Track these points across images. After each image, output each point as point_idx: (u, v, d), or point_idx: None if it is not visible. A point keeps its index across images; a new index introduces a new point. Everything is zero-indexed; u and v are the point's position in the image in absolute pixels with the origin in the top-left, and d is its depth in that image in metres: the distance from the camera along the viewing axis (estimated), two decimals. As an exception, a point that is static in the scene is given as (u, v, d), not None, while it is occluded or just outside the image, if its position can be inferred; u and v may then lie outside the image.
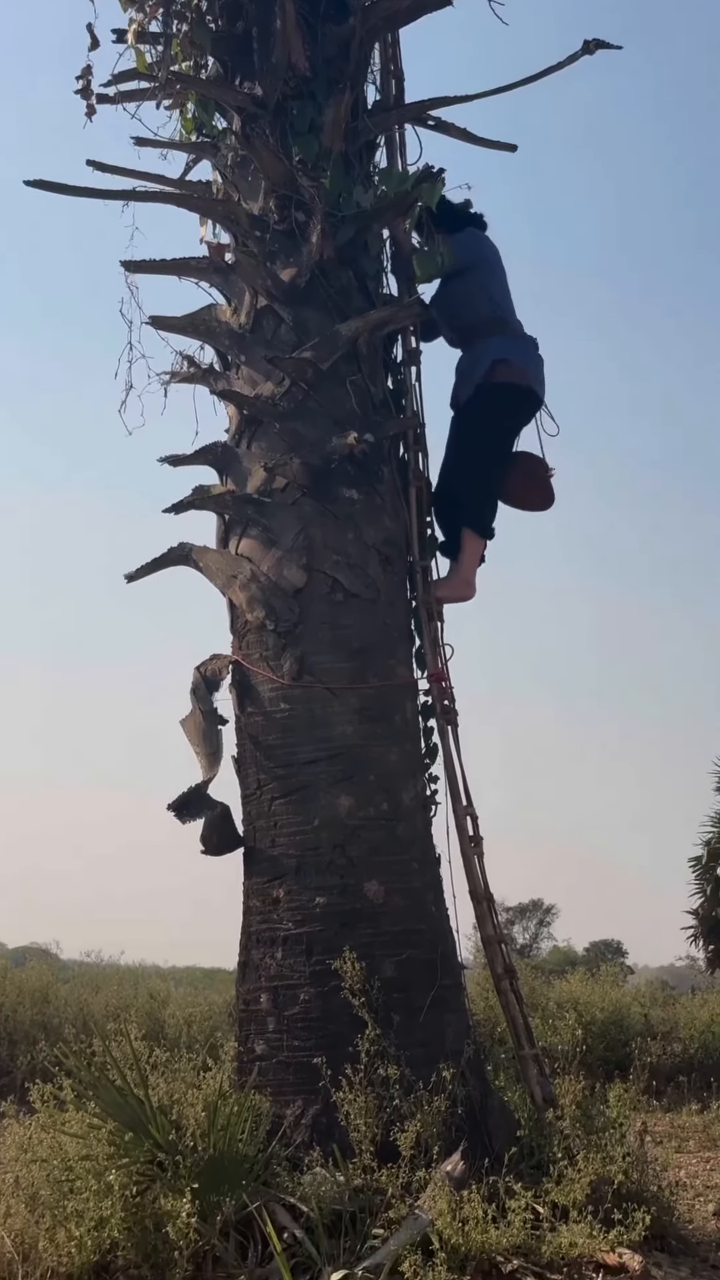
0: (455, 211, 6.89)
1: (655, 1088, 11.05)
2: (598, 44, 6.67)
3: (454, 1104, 5.18)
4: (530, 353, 6.70)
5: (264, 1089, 5.38)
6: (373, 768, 5.77)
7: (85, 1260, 4.62)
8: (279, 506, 6.01)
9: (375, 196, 6.41)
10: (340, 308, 6.20)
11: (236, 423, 6.33)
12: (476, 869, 6.07)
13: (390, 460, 6.31)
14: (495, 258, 6.84)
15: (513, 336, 6.69)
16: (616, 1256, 4.65)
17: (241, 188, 6.47)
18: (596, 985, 13.45)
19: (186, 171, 6.95)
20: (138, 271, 6.54)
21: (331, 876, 5.61)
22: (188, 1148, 4.85)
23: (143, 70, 6.66)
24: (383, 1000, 5.32)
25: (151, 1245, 4.65)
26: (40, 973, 13.20)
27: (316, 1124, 5.25)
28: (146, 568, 6.38)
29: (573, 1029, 10.31)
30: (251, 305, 6.29)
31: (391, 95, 6.77)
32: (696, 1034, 12.40)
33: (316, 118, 6.29)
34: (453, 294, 6.81)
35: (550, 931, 42.79)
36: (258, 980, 5.66)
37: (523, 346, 6.69)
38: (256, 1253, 4.75)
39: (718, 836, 20.70)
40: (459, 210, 6.91)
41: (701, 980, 20.37)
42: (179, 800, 5.91)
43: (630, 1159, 5.22)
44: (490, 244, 6.90)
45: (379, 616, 5.98)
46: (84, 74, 6.61)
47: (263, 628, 5.92)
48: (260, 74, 6.34)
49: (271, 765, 5.83)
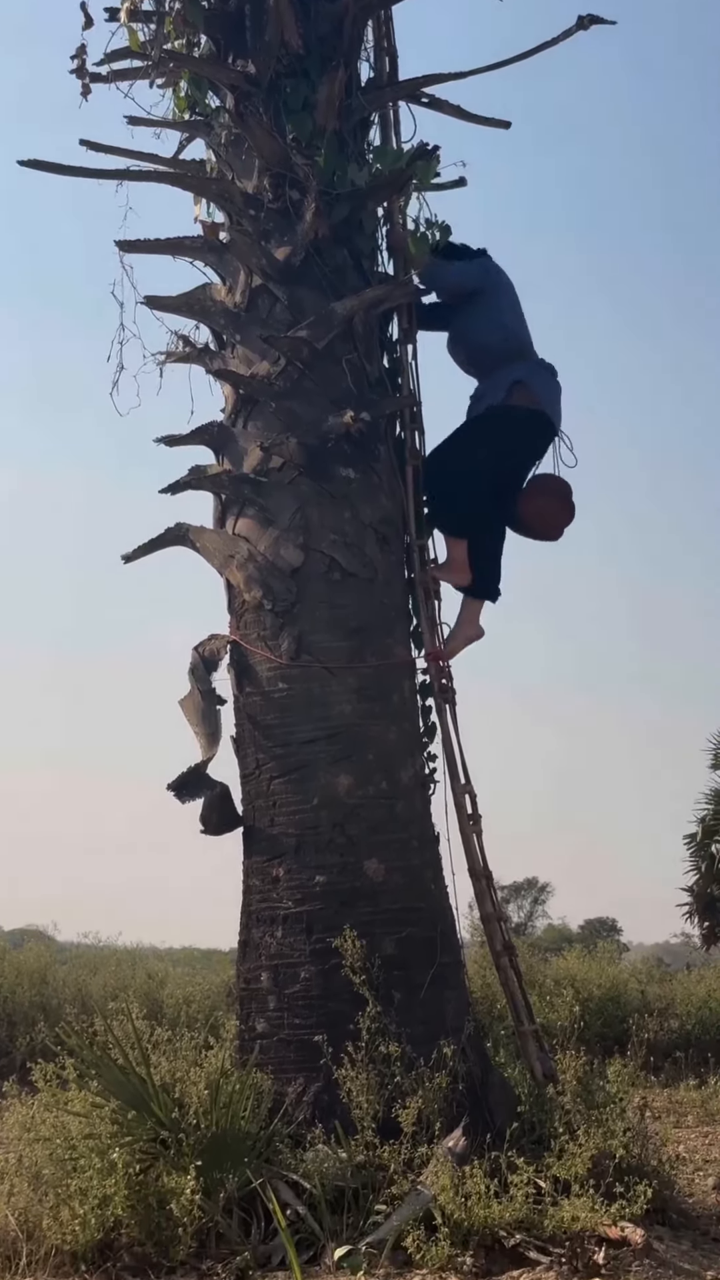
0: (463, 250, 6.79)
1: (653, 1063, 11.12)
2: (592, 19, 6.66)
3: (455, 1080, 5.20)
4: (549, 381, 6.58)
5: (265, 1067, 5.40)
6: (371, 747, 5.78)
7: (89, 1238, 4.65)
8: (276, 486, 6.00)
9: (370, 174, 6.40)
10: (335, 286, 6.18)
11: (232, 402, 6.31)
12: (475, 846, 6.08)
13: (387, 439, 6.30)
14: (508, 285, 6.70)
15: (533, 363, 6.59)
16: (618, 1230, 4.67)
17: (235, 166, 6.45)
18: (593, 962, 13.50)
19: (180, 150, 6.92)
20: (132, 251, 6.51)
21: (331, 855, 5.63)
22: (190, 1126, 4.88)
23: (135, 48, 6.64)
24: (383, 978, 5.34)
25: (155, 1223, 4.68)
26: (38, 954, 13.23)
27: (318, 1101, 5.27)
28: (143, 548, 6.37)
29: (570, 1006, 10.38)
30: (246, 284, 6.27)
31: (385, 73, 6.75)
32: (693, 1010, 12.46)
33: (310, 95, 6.26)
34: (467, 323, 6.70)
35: (545, 909, 42.95)
36: (258, 959, 5.68)
37: (542, 374, 6.58)
38: (260, 1229, 4.78)
39: (712, 814, 20.75)
40: (466, 250, 6.80)
41: (697, 957, 20.42)
42: (178, 780, 5.92)
43: (630, 1134, 5.25)
44: (502, 271, 6.74)
45: (376, 595, 5.98)
46: (78, 53, 6.60)
47: (260, 607, 5.92)
48: (253, 52, 6.32)
49: (270, 745, 5.84)
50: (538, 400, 6.47)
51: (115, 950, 16.68)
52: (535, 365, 6.56)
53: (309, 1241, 4.67)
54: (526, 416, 6.46)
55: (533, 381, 6.48)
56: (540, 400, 6.48)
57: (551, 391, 6.55)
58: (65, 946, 19.58)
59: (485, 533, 6.52)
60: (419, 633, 6.27)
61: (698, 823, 20.96)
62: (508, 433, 6.49)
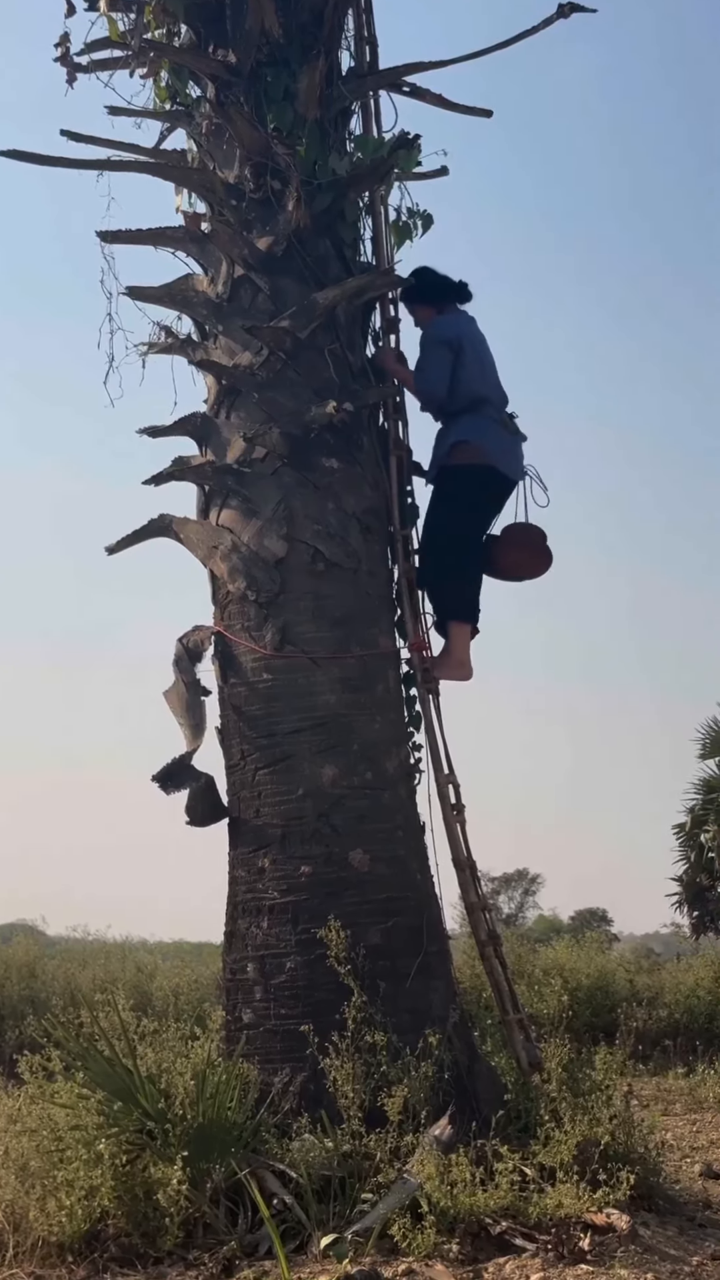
0: (438, 283, 6.69)
1: (641, 1052, 11.16)
2: (573, 7, 6.65)
3: (441, 1069, 5.21)
4: (497, 434, 6.45)
5: (252, 1057, 5.41)
6: (356, 737, 5.78)
7: (76, 1229, 4.65)
8: (259, 477, 6.00)
9: (351, 164, 6.39)
10: (317, 276, 6.18)
11: (215, 393, 6.30)
12: (459, 836, 6.09)
13: (370, 429, 6.30)
14: (472, 338, 6.54)
15: (481, 418, 6.44)
16: (604, 1216, 4.68)
17: (217, 156, 6.43)
18: (582, 952, 13.52)
19: (161, 141, 6.91)
20: (114, 242, 6.49)
21: (316, 845, 5.63)
22: (177, 1116, 4.87)
23: (115, 38, 6.62)
24: (369, 968, 5.35)
25: (142, 1213, 4.68)
26: (27, 948, 13.22)
27: (304, 1091, 5.28)
28: (127, 540, 6.36)
29: (559, 995, 10.40)
30: (228, 275, 6.26)
31: (366, 62, 6.73)
32: (681, 999, 12.49)
33: (291, 85, 6.25)
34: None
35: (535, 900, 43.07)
36: (244, 950, 5.68)
37: (487, 427, 6.43)
38: (246, 1219, 4.78)
39: (701, 803, 20.80)
40: (442, 282, 6.70)
41: (686, 946, 20.47)
42: (163, 771, 5.91)
43: (616, 1121, 5.25)
44: (469, 322, 6.62)
45: (360, 586, 5.98)
46: (62, 42, 6.58)
47: (244, 598, 5.92)
48: (234, 41, 6.30)
49: (255, 736, 5.84)
50: (484, 454, 6.37)
51: (105, 944, 16.68)
52: (480, 420, 6.43)
53: (295, 1230, 4.67)
54: (470, 472, 6.37)
55: (476, 438, 6.38)
56: (487, 454, 6.37)
57: (501, 444, 6.44)
58: (55, 941, 19.57)
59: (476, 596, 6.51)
60: (403, 622, 6.26)
61: (687, 812, 21.02)
62: (460, 492, 6.40)
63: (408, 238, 6.81)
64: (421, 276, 6.67)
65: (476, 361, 6.47)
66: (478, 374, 6.45)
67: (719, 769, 21.10)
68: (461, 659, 6.34)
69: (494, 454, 6.40)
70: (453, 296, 6.69)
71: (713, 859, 20.19)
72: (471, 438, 6.39)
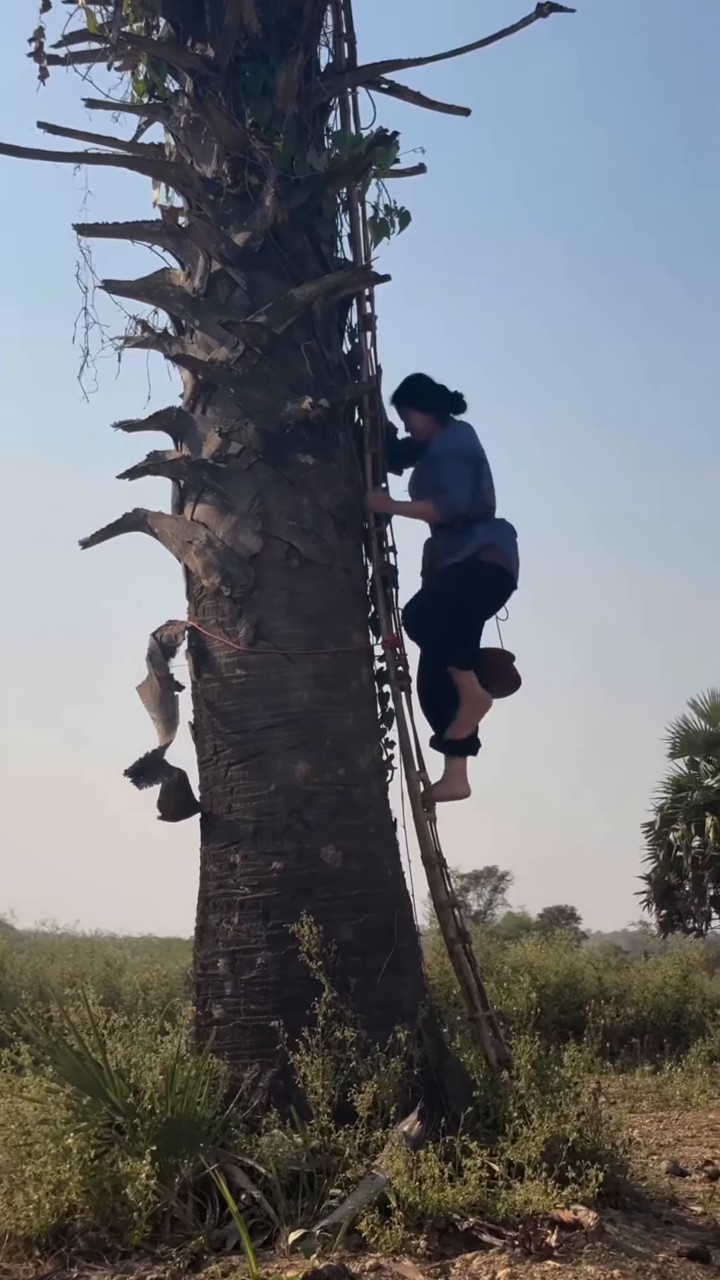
0: (439, 394, 6.62)
1: (609, 1050, 11.21)
2: (551, 6, 6.67)
3: (410, 1065, 5.22)
4: (511, 539, 6.52)
5: (221, 1052, 5.40)
6: (329, 733, 5.78)
7: (44, 1223, 4.64)
8: (234, 472, 5.99)
9: (329, 160, 6.39)
10: (294, 272, 6.18)
11: (191, 388, 6.30)
12: (429, 834, 6.10)
13: (346, 426, 6.30)
14: (482, 454, 6.53)
15: (498, 525, 6.50)
16: (571, 1213, 4.71)
17: (194, 151, 6.42)
18: (551, 950, 13.58)
19: (138, 134, 6.90)
20: (90, 235, 6.47)
21: (288, 841, 5.63)
22: (146, 1111, 4.87)
23: (93, 31, 6.61)
24: (340, 963, 5.35)
25: (110, 1207, 4.67)
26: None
27: (274, 1086, 5.28)
28: (101, 534, 6.34)
29: (527, 992, 10.44)
30: (205, 269, 6.25)
31: (344, 58, 6.74)
32: (649, 997, 12.56)
33: (269, 80, 6.25)
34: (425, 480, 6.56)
35: (504, 898, 43.16)
36: (215, 945, 5.68)
37: (506, 534, 6.51)
38: (215, 1214, 4.78)
39: (670, 802, 20.90)
40: (442, 392, 6.62)
41: (654, 945, 20.58)
42: (135, 766, 5.90)
43: (584, 1118, 5.28)
44: (472, 435, 6.58)
45: (335, 582, 5.98)
46: (36, 36, 6.56)
47: (219, 594, 5.92)
48: (212, 35, 6.29)
49: (228, 731, 5.83)
50: (505, 559, 6.44)
51: (74, 938, 16.65)
52: (502, 529, 6.50)
53: (264, 1225, 4.68)
54: (496, 571, 6.41)
55: (500, 542, 6.44)
56: (507, 559, 6.45)
57: (513, 550, 6.51)
58: (23, 934, 19.51)
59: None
60: (376, 619, 6.26)
61: (656, 811, 21.13)
62: (483, 583, 6.41)
63: (385, 234, 6.82)
64: (421, 386, 6.61)
65: (489, 475, 6.51)
66: (489, 486, 6.49)
67: (688, 768, 21.23)
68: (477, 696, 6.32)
69: (511, 561, 6.46)
70: (450, 406, 6.62)
71: (681, 858, 20.31)
72: (499, 541, 6.43)
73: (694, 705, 21.49)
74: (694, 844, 20.26)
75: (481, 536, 6.39)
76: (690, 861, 20.10)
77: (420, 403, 6.59)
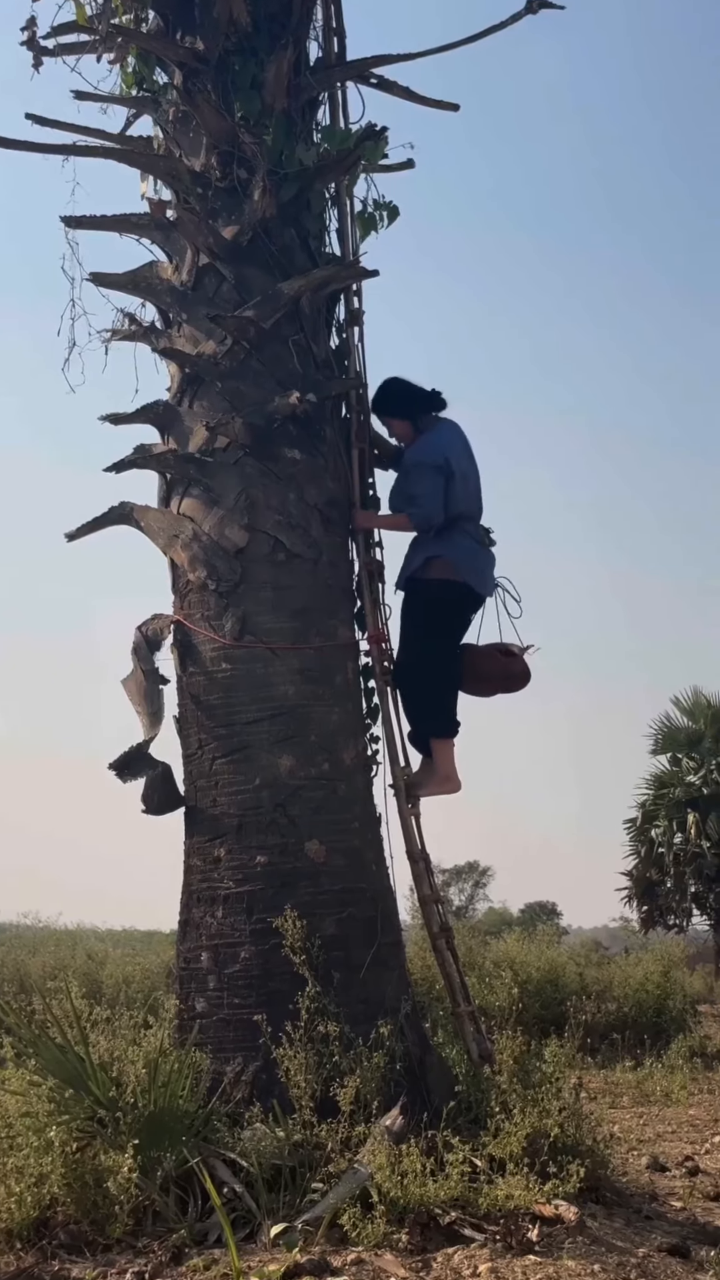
0: (411, 395, 6.50)
1: (590, 1045, 11.23)
2: (541, 3, 6.67)
3: (393, 1060, 5.23)
4: (472, 550, 6.35)
5: (204, 1046, 5.40)
6: (314, 728, 5.79)
7: (25, 1216, 4.64)
8: (221, 466, 5.99)
9: (318, 154, 6.38)
10: (283, 266, 6.17)
11: (178, 381, 6.29)
12: (413, 829, 6.11)
13: (333, 420, 6.29)
14: (461, 452, 6.38)
15: (456, 533, 6.31)
16: (552, 1208, 4.73)
17: (183, 144, 6.41)
18: (532, 945, 13.59)
19: (127, 127, 6.86)
20: (78, 227, 6.47)
21: (272, 836, 5.63)
22: (128, 1104, 4.88)
23: (83, 22, 6.58)
24: (323, 958, 5.37)
25: (92, 1201, 4.67)
26: (-24, 935, 13.16)
27: (256, 1080, 5.28)
28: (86, 527, 6.33)
29: (509, 988, 10.45)
30: (193, 263, 6.25)
31: (334, 53, 6.72)
32: (630, 993, 12.57)
33: (258, 74, 6.24)
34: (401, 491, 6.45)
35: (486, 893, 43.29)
36: (198, 939, 5.68)
37: (461, 543, 6.32)
38: (197, 1207, 4.78)
39: (652, 799, 20.99)
40: (415, 393, 6.50)
41: (635, 941, 20.65)
42: (120, 760, 5.90)
43: (566, 1113, 5.30)
44: (452, 434, 6.43)
45: (321, 577, 5.98)
46: (29, 25, 6.54)
47: (204, 587, 5.91)
48: (202, 28, 6.28)
49: (213, 725, 5.83)
50: (456, 571, 6.27)
51: (55, 931, 16.65)
52: (458, 536, 6.31)
53: (246, 1219, 4.69)
54: (441, 587, 6.28)
55: (450, 554, 6.27)
56: (457, 570, 6.27)
57: (474, 560, 6.34)
58: (4, 927, 19.50)
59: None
60: (362, 614, 6.26)
61: (637, 807, 21.23)
62: (429, 620, 6.29)
63: (373, 229, 6.80)
64: (392, 390, 6.50)
65: (463, 479, 6.31)
66: (462, 492, 6.30)
67: (670, 764, 21.32)
68: (448, 773, 6.27)
69: (466, 570, 6.30)
70: (426, 406, 6.50)
71: (663, 854, 20.41)
72: (446, 553, 6.27)
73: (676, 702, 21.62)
74: (676, 840, 20.38)
75: (429, 548, 6.28)
76: (672, 858, 20.22)
77: (394, 409, 6.51)
